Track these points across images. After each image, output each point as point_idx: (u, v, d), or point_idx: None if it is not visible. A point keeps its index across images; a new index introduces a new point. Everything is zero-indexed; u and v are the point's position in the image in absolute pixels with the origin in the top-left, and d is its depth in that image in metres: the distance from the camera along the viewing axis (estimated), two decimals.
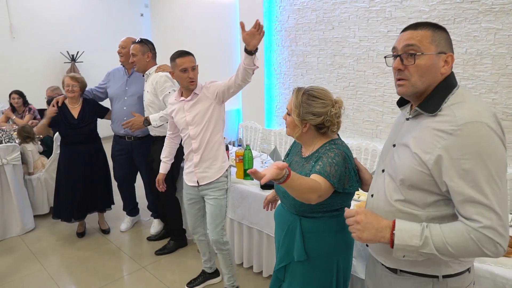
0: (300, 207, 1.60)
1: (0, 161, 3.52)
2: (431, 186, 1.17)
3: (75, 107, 3.35)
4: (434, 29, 1.19)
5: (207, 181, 2.47)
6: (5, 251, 3.44)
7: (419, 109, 1.20)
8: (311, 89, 1.60)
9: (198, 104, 2.40)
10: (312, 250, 1.64)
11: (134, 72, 3.35)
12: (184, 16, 6.56)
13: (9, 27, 5.90)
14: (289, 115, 1.63)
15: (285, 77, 5.04)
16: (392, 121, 4.01)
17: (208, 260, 2.82)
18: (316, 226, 1.62)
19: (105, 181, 3.60)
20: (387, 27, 3.89)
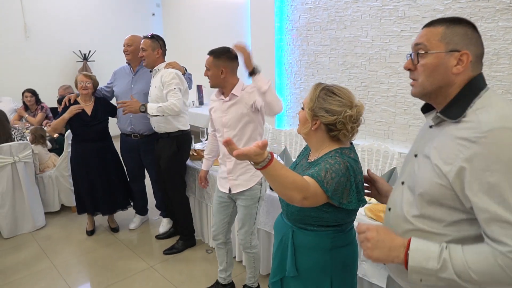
0: (291, 215, 1.49)
1: (12, 158, 3.55)
2: (453, 202, 1.04)
3: (87, 104, 3.36)
4: (448, 25, 1.08)
5: (240, 189, 2.36)
6: (16, 248, 3.47)
7: (442, 116, 1.09)
8: (332, 85, 1.47)
9: (235, 107, 2.29)
10: (303, 267, 1.52)
11: (139, 70, 3.36)
12: (195, 15, 6.56)
13: (23, 27, 5.98)
14: (303, 109, 1.51)
15: (296, 76, 5.00)
16: (405, 122, 3.95)
17: (223, 270, 2.68)
18: (309, 240, 1.49)
19: (120, 178, 3.61)
20: (400, 26, 3.83)
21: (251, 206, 2.39)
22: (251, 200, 2.38)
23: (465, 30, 1.08)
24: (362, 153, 3.47)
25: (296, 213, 1.47)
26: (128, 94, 3.29)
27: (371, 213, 2.16)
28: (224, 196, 2.47)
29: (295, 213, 1.47)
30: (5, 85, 5.46)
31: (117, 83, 3.46)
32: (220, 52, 2.31)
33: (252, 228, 2.46)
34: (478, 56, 1.09)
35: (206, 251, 3.30)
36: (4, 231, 3.63)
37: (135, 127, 3.34)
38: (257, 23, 5.27)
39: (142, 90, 3.29)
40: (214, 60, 2.30)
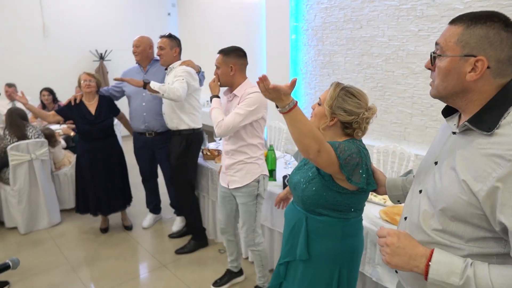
0: (307, 199, 1.54)
1: (29, 156, 3.61)
2: (479, 221, 0.96)
3: (91, 103, 3.38)
4: (469, 24, 0.98)
5: (236, 186, 2.41)
6: (33, 243, 3.52)
7: (470, 125, 0.99)
8: (351, 87, 1.54)
9: (233, 108, 2.33)
10: (314, 252, 1.59)
11: (149, 68, 3.38)
12: (210, 15, 6.57)
13: (42, 27, 6.08)
14: (320, 105, 1.56)
15: (311, 77, 4.95)
16: (422, 124, 3.87)
17: (234, 260, 2.79)
18: (321, 227, 1.57)
19: (123, 177, 3.63)
20: (418, 26, 3.75)
21: (249, 204, 2.42)
22: (248, 197, 2.41)
23: (486, 32, 0.96)
24: (378, 155, 3.42)
25: (312, 197, 1.52)
26: (140, 93, 3.31)
27: (386, 216, 2.12)
28: (226, 191, 2.54)
29: (311, 196, 1.52)
30: (24, 84, 5.54)
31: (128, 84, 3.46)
32: (229, 50, 2.36)
33: (253, 226, 2.47)
34: (502, 62, 0.96)
35: (219, 251, 3.29)
36: (21, 227, 3.69)
37: (149, 125, 3.35)
38: (272, 23, 5.24)
39: None
40: (224, 58, 2.34)
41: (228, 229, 2.65)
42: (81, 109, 3.36)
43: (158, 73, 3.33)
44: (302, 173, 1.62)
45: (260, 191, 2.43)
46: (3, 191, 3.71)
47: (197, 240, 3.34)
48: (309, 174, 1.56)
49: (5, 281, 2.89)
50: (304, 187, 1.55)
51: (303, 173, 1.60)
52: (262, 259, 2.57)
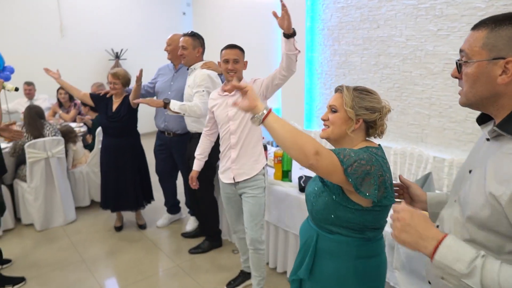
0: (317, 213, 1.43)
1: (45, 153, 3.65)
2: (507, 230, 0.92)
3: (116, 100, 3.45)
4: (493, 27, 0.95)
5: (244, 178, 2.43)
6: (48, 241, 3.56)
7: (498, 130, 0.97)
8: (359, 86, 1.46)
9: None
10: (323, 272, 1.45)
11: (181, 67, 3.35)
12: (225, 14, 6.57)
13: (59, 26, 6.15)
14: (335, 111, 1.43)
15: (326, 77, 4.91)
16: (439, 125, 3.80)
17: (248, 260, 2.77)
18: (333, 246, 1.42)
19: (138, 177, 3.60)
20: (437, 25, 3.68)
21: (258, 196, 2.43)
22: (257, 189, 2.43)
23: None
24: (395, 157, 3.36)
25: (321, 212, 1.41)
26: (167, 91, 3.31)
27: None
28: (230, 191, 2.53)
29: (320, 211, 1.41)
30: (42, 82, 5.61)
31: (159, 79, 3.48)
32: (240, 47, 2.43)
33: (262, 221, 2.48)
34: None
35: (232, 251, 3.28)
36: (37, 224, 3.73)
37: (168, 125, 3.35)
38: None
39: (180, 89, 3.27)
40: (241, 53, 2.41)
41: (238, 227, 2.68)
42: (107, 103, 3.46)
43: (187, 73, 3.29)
44: (313, 184, 1.51)
45: (266, 183, 2.49)
46: (20, 188, 3.76)
47: (212, 241, 3.33)
48: (319, 186, 1.44)
49: (21, 276, 2.92)
50: (314, 200, 1.44)
51: (314, 185, 1.49)
52: (263, 260, 2.55)
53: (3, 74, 4.53)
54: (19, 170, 3.83)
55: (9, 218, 3.71)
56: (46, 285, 2.89)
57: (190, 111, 2.80)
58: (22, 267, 3.11)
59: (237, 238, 2.74)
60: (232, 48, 2.39)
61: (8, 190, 3.73)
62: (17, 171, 3.85)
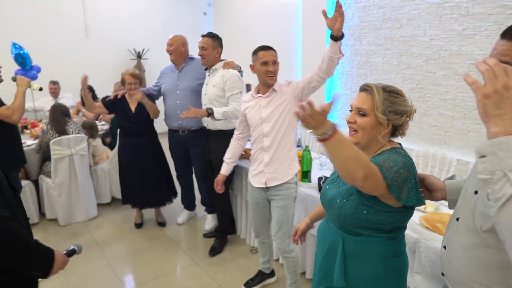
0: (345, 218, 1.38)
1: (69, 150, 3.73)
2: None
3: (132, 100, 3.47)
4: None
5: (277, 183, 2.36)
6: (71, 236, 3.64)
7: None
8: (388, 85, 1.39)
9: (276, 101, 2.33)
10: (353, 277, 1.42)
11: (184, 67, 3.40)
12: (246, 15, 6.58)
13: (84, 26, 6.29)
14: (364, 115, 1.37)
15: (347, 77, 4.86)
16: (464, 127, 3.70)
17: (267, 261, 2.77)
18: (360, 248, 1.40)
19: (162, 174, 3.68)
20: (463, 24, 3.59)
21: (288, 206, 2.37)
22: (287, 200, 2.37)
23: None
24: (417, 158, 3.30)
25: (349, 215, 1.36)
26: (174, 91, 3.35)
27: (427, 223, 2.03)
28: (259, 196, 2.48)
29: (349, 215, 1.36)
30: (66, 81, 5.76)
31: (164, 81, 3.52)
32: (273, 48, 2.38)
33: (290, 230, 2.41)
34: None
35: (250, 250, 3.28)
36: (61, 219, 3.83)
37: (183, 123, 3.38)
38: (308, 22, 5.19)
39: (188, 87, 3.34)
40: (277, 55, 2.39)
41: (261, 232, 2.64)
42: (123, 104, 3.47)
43: (192, 71, 3.35)
44: (336, 187, 1.46)
45: (297, 193, 2.42)
46: (45, 183, 3.86)
47: (221, 238, 3.35)
48: (346, 188, 1.40)
49: None
50: (341, 204, 1.39)
51: (338, 188, 1.45)
52: (295, 265, 2.50)
53: (30, 73, 4.66)
54: (44, 166, 3.93)
55: (34, 213, 3.81)
56: (68, 279, 2.95)
57: (232, 116, 2.87)
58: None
59: (259, 242, 2.70)
60: (269, 49, 2.35)
61: (33, 185, 3.83)
62: (42, 167, 3.96)
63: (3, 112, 2.77)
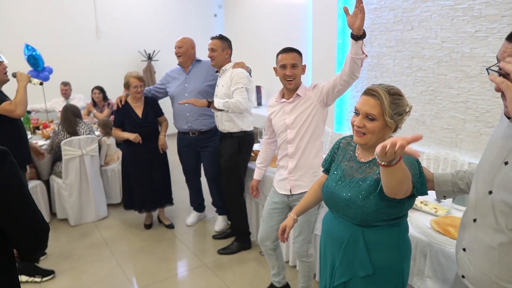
0: (367, 216, 1.46)
1: (80, 151, 3.77)
2: None
3: (137, 105, 3.43)
4: None
5: (301, 191, 2.30)
6: (81, 236, 3.67)
7: None
8: (390, 87, 1.46)
9: (300, 106, 2.25)
10: (377, 263, 1.51)
11: (191, 69, 3.41)
12: (257, 16, 6.59)
13: (95, 28, 6.35)
14: (372, 119, 1.43)
15: (357, 79, 4.82)
16: (476, 130, 3.66)
17: (277, 274, 2.62)
18: (380, 236, 1.51)
19: (166, 177, 3.70)
20: (475, 26, 3.55)
21: (310, 213, 2.28)
22: None
23: None
24: (428, 161, 3.27)
25: (373, 213, 1.45)
26: (183, 93, 3.36)
27: (438, 227, 2.01)
28: (279, 201, 2.40)
29: (372, 212, 1.45)
30: (78, 82, 5.83)
31: (171, 84, 3.51)
32: (298, 50, 2.27)
33: (310, 236, 2.37)
34: None
35: (260, 253, 3.27)
36: (71, 219, 3.86)
37: (192, 125, 3.39)
38: (319, 24, 5.17)
39: (196, 89, 3.34)
40: (299, 57, 2.26)
41: (266, 242, 2.50)
42: (128, 111, 3.41)
43: (200, 73, 3.36)
44: (351, 187, 1.51)
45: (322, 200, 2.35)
46: (56, 184, 3.90)
47: (241, 242, 3.33)
48: (365, 188, 1.46)
49: (51, 270, 3.03)
50: (363, 204, 1.45)
51: (354, 188, 1.50)
52: (310, 270, 2.46)
53: (42, 74, 4.72)
54: (55, 166, 3.97)
55: (45, 213, 3.85)
56: (77, 279, 2.98)
57: (234, 107, 2.82)
58: (56, 260, 3.22)
59: (264, 251, 2.56)
60: (290, 51, 2.22)
61: (44, 186, 3.87)
62: (53, 167, 4.00)
63: (5, 107, 2.72)
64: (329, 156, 1.75)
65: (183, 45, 3.35)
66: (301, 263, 2.46)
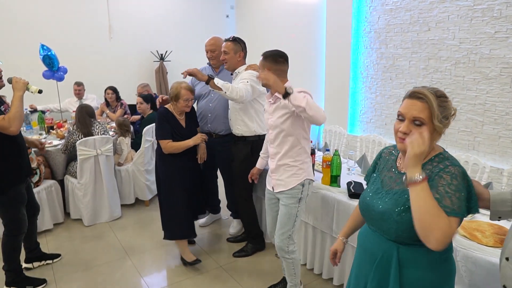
0: (402, 233, 1.34)
1: (95, 151, 3.77)
2: None
3: (182, 118, 3.05)
4: None
5: (280, 189, 2.40)
6: (95, 236, 3.67)
7: None
8: (434, 88, 1.34)
9: (279, 110, 2.31)
10: (409, 284, 1.37)
11: (222, 70, 3.35)
12: (269, 17, 6.57)
13: (108, 28, 6.36)
14: (420, 124, 1.31)
15: (372, 81, 4.79)
16: (494, 133, 3.60)
17: (293, 286, 2.59)
18: (418, 256, 1.36)
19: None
20: (495, 27, 3.50)
21: (291, 206, 2.36)
22: (291, 199, 2.36)
23: None
24: None
25: (409, 229, 1.30)
26: (209, 92, 3.32)
27: (464, 231, 1.97)
28: (271, 194, 2.52)
29: (408, 229, 1.30)
30: (91, 83, 5.84)
31: (199, 83, 3.44)
32: (268, 54, 2.35)
33: (290, 231, 2.38)
34: None
35: (275, 255, 3.24)
36: (85, 219, 3.86)
37: (212, 126, 3.34)
38: (333, 25, 5.14)
39: None
40: (261, 61, 2.36)
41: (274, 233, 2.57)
42: (175, 122, 3.00)
43: (228, 76, 3.31)
44: (388, 199, 1.40)
45: (303, 195, 2.37)
46: (71, 183, 3.90)
47: (254, 244, 3.31)
48: (402, 202, 1.34)
49: (43, 278, 2.93)
50: (398, 218, 1.33)
51: (390, 200, 1.38)
52: (294, 267, 2.47)
53: (57, 74, 4.74)
54: (70, 166, 3.98)
55: (59, 212, 3.86)
56: (93, 280, 2.97)
57: (232, 91, 2.80)
58: (71, 262, 3.22)
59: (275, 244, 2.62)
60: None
61: (59, 185, 3.88)
62: (68, 167, 4.01)
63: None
64: (371, 168, 1.67)
65: (216, 48, 3.25)
66: (284, 261, 2.47)
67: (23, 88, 2.54)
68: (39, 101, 5.27)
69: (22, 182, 2.70)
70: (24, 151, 2.72)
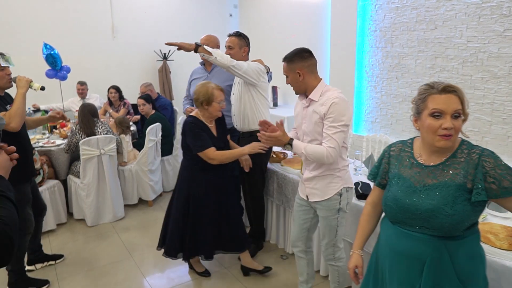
0: (457, 225, 1.34)
1: (98, 151, 3.73)
2: None
3: (212, 125, 2.74)
4: None
5: (316, 199, 2.22)
6: (98, 237, 3.64)
7: None
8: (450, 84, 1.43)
9: (312, 115, 2.12)
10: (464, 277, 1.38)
11: (214, 68, 3.36)
12: (273, 16, 6.52)
13: (111, 27, 6.33)
14: (458, 116, 1.37)
15: (377, 80, 4.74)
16: (503, 133, 3.55)
17: (304, 282, 2.49)
18: (464, 247, 1.39)
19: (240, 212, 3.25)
20: (504, 25, 3.44)
21: (330, 218, 2.21)
22: (329, 211, 2.20)
23: None
24: None
25: (462, 222, 1.35)
26: None
27: None
28: (303, 202, 2.34)
29: (461, 222, 1.34)
30: (94, 82, 5.81)
31: (193, 83, 3.47)
32: (292, 55, 2.17)
33: (334, 240, 2.28)
34: None
35: (281, 256, 3.20)
36: (88, 220, 3.83)
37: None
38: (337, 24, 5.09)
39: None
40: (288, 65, 2.16)
41: (298, 242, 2.41)
42: (207, 131, 2.69)
43: (221, 73, 3.30)
44: (434, 195, 1.38)
45: (342, 205, 2.19)
46: (73, 183, 3.87)
47: (257, 244, 3.27)
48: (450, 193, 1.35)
49: (45, 279, 2.90)
50: (451, 212, 1.33)
51: (438, 196, 1.37)
52: (339, 276, 2.37)
53: (60, 74, 4.71)
54: (73, 166, 3.95)
55: (62, 213, 3.83)
56: (96, 281, 2.94)
57: (222, 56, 2.75)
58: (74, 262, 3.19)
59: (295, 254, 2.47)
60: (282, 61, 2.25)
61: (62, 185, 3.85)
62: (71, 167, 3.98)
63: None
64: (376, 168, 1.65)
65: (209, 43, 3.22)
66: (330, 267, 2.39)
67: (26, 86, 2.57)
68: (42, 100, 5.26)
69: (26, 181, 2.67)
70: (30, 152, 2.70)
